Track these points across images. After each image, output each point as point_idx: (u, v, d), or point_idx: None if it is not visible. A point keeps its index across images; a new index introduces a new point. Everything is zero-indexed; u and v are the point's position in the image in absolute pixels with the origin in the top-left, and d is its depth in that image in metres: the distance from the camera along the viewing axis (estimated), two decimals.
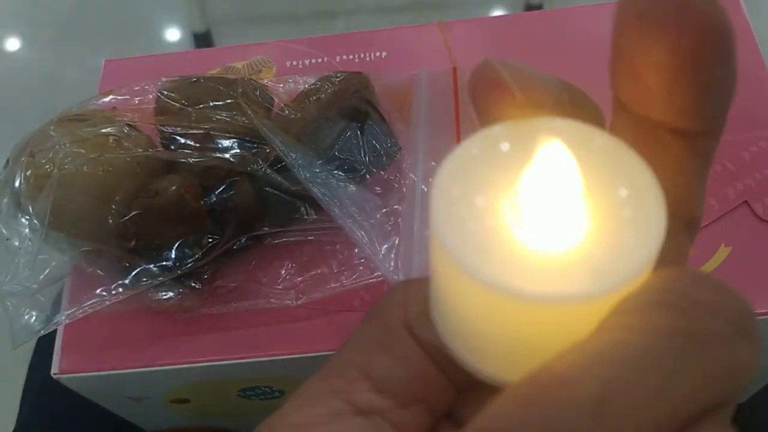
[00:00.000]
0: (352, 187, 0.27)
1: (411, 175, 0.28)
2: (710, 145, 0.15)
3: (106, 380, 0.30)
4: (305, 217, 0.29)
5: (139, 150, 0.28)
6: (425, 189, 0.28)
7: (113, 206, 0.27)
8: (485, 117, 0.15)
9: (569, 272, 0.13)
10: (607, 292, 0.13)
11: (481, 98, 0.14)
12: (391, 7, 1.30)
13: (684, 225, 0.16)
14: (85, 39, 1.29)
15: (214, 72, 0.36)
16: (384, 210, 0.27)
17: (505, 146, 0.14)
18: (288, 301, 0.29)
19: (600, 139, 0.14)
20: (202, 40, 1.24)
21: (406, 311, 0.17)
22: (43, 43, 1.30)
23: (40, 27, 1.32)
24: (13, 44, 1.32)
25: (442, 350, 0.16)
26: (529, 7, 1.25)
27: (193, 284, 0.28)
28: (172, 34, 1.31)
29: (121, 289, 0.28)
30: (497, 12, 1.30)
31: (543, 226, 0.13)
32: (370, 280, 0.29)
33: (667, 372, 0.12)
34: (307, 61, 0.36)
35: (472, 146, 0.14)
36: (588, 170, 0.14)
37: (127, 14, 1.31)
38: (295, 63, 0.36)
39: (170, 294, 0.28)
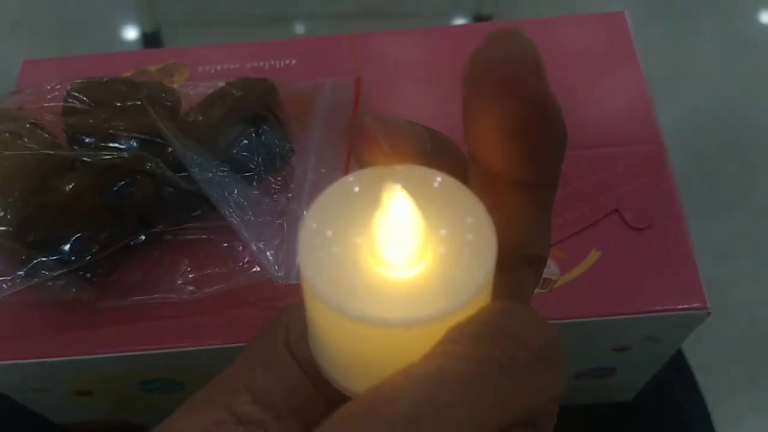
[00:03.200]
0: (243, 188, 0.29)
1: (300, 177, 0.30)
2: (547, 194, 0.18)
3: (6, 370, 0.31)
4: (203, 215, 0.31)
5: (40, 148, 0.29)
6: (311, 190, 0.29)
7: (11, 201, 0.28)
8: (361, 162, 0.17)
9: (408, 301, 0.15)
10: (435, 319, 0.15)
11: (357, 147, 0.17)
12: (345, 13, 1.31)
13: (528, 264, 0.18)
14: (32, 37, 1.27)
15: (127, 74, 0.37)
16: (272, 209, 0.29)
17: (357, 190, 0.16)
18: (185, 296, 0.31)
19: (438, 181, 0.16)
20: (151, 40, 1.24)
21: (288, 332, 0.19)
22: None
23: None
24: None
25: (317, 368, 0.18)
26: (478, 18, 1.28)
27: (90, 278, 0.29)
28: (124, 34, 1.30)
29: (18, 281, 0.29)
30: (448, 20, 1.32)
31: (388, 260, 0.15)
32: (264, 277, 0.30)
33: (473, 395, 0.14)
34: (219, 67, 0.38)
35: (332, 190, 0.16)
36: (426, 209, 0.16)
37: (78, 11, 1.31)
38: (208, 68, 0.38)
39: (69, 287, 0.29)
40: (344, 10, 1.31)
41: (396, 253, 0.15)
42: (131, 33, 1.29)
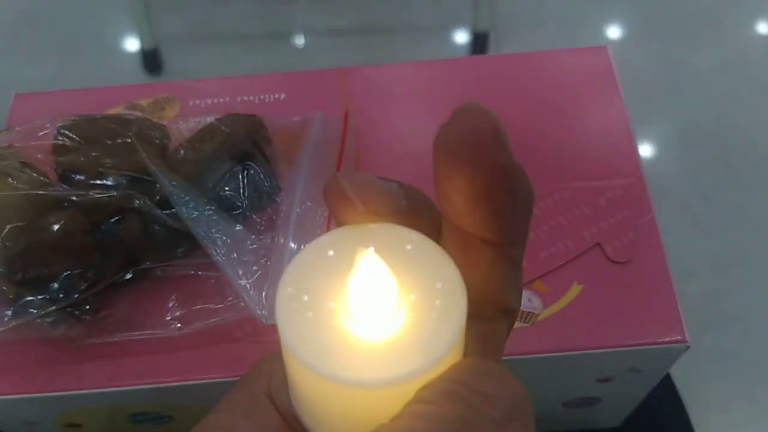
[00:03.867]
0: (228, 226, 0.29)
1: (286, 213, 0.30)
2: (516, 251, 0.18)
3: None
4: (190, 252, 0.31)
5: (29, 188, 0.29)
6: (296, 226, 0.30)
7: (0, 240, 0.29)
8: (337, 220, 0.17)
9: (380, 361, 0.16)
10: (406, 379, 0.15)
11: (332, 207, 0.17)
12: (342, 29, 1.32)
13: (501, 314, 0.19)
14: (31, 54, 1.28)
15: (119, 108, 0.38)
16: (257, 249, 0.29)
17: (331, 253, 0.17)
18: (172, 332, 0.31)
19: (410, 244, 0.17)
20: (150, 57, 1.25)
21: (269, 381, 0.19)
22: None
23: None
24: None
25: (297, 418, 0.18)
26: (477, 36, 1.29)
27: (78, 315, 0.30)
28: (121, 50, 1.31)
29: (6, 319, 0.29)
30: (447, 35, 1.33)
31: (363, 321, 0.16)
32: (250, 313, 0.31)
33: None
34: (209, 101, 0.38)
35: (307, 253, 0.17)
36: (399, 270, 0.16)
37: (75, 29, 1.32)
38: (198, 102, 0.38)
39: (57, 324, 0.30)
40: (342, 26, 1.32)
41: (369, 315, 0.16)
42: (130, 48, 1.30)
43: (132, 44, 1.30)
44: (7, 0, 1.35)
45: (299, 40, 1.32)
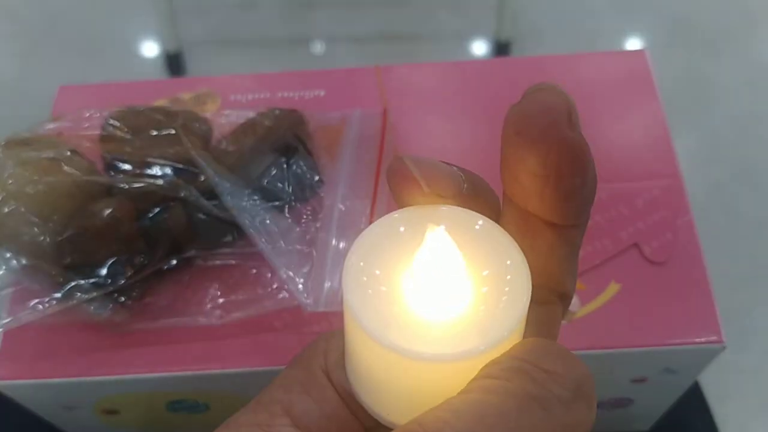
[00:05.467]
0: (274, 216, 0.30)
1: (329, 206, 0.31)
2: (576, 234, 0.18)
3: (39, 388, 0.32)
4: (233, 242, 0.32)
5: (79, 174, 0.30)
6: (339, 220, 0.30)
7: (51, 225, 0.29)
8: (400, 201, 0.18)
9: (450, 337, 0.16)
10: (476, 355, 0.16)
11: (395, 188, 0.17)
12: (364, 36, 1.33)
13: (557, 298, 0.19)
14: (56, 54, 1.30)
15: (162, 102, 0.39)
16: (302, 238, 0.30)
17: (402, 229, 0.17)
18: (213, 320, 0.31)
19: (479, 224, 0.17)
20: (173, 59, 1.26)
21: (326, 359, 0.20)
22: (12, 55, 1.31)
23: (9, 38, 1.33)
24: None
25: (353, 395, 0.18)
26: (499, 44, 1.30)
27: (123, 301, 0.30)
28: (144, 53, 1.33)
29: (55, 303, 0.30)
30: (468, 44, 1.34)
31: (431, 297, 0.16)
32: (291, 304, 0.31)
33: (511, 427, 0.15)
34: (250, 96, 0.39)
35: (378, 228, 0.17)
36: (467, 251, 0.17)
37: (101, 31, 1.33)
38: (239, 97, 0.39)
39: (102, 309, 0.30)
40: (364, 33, 1.33)
41: (439, 291, 0.16)
42: (153, 51, 1.32)
43: (155, 47, 1.32)
44: (34, 2, 1.37)
45: (320, 47, 1.33)
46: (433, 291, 0.16)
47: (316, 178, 0.32)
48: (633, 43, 1.28)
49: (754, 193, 1.07)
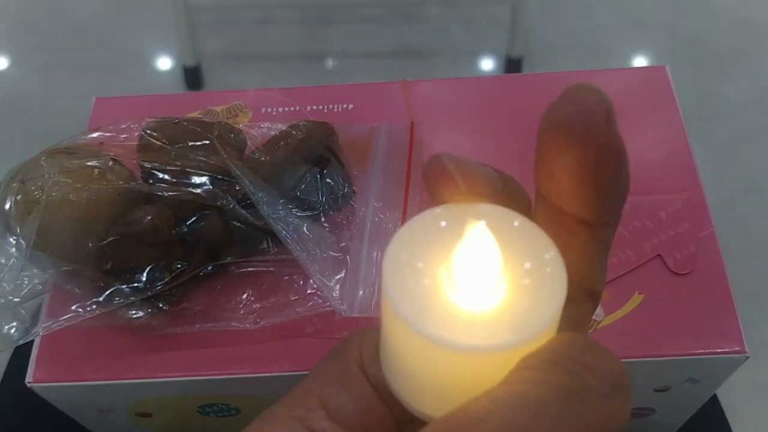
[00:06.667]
0: (309, 225, 0.31)
1: (362, 216, 0.32)
2: (608, 233, 0.19)
3: (76, 390, 0.33)
4: (267, 249, 0.33)
5: (120, 182, 0.31)
6: (372, 230, 0.31)
7: (93, 231, 0.30)
8: (436, 199, 0.18)
9: (488, 329, 0.16)
10: (514, 347, 0.16)
11: (432, 185, 0.18)
12: (378, 52, 1.35)
13: (587, 295, 0.20)
14: (75, 67, 1.32)
15: (195, 114, 0.40)
16: (335, 246, 0.31)
17: (443, 224, 0.18)
18: (247, 325, 0.32)
19: (517, 221, 0.18)
20: (191, 74, 1.28)
21: (361, 353, 0.20)
22: (34, 68, 1.34)
23: (31, 51, 1.36)
24: (0, 65, 1.35)
25: (389, 389, 0.19)
26: (510, 61, 1.31)
27: (161, 305, 0.31)
28: (163, 67, 1.35)
29: (95, 307, 0.31)
30: (480, 61, 1.36)
31: (470, 290, 0.17)
32: (322, 309, 0.32)
33: (551, 418, 0.16)
34: (280, 109, 0.40)
35: (418, 222, 0.18)
36: (506, 246, 0.17)
37: (120, 45, 1.35)
38: (270, 110, 0.40)
39: (140, 313, 0.31)
40: (379, 49, 1.35)
41: (477, 286, 0.17)
42: (171, 65, 1.34)
43: (173, 61, 1.34)
44: (55, 17, 1.39)
45: (335, 62, 1.35)
46: (473, 284, 0.17)
47: (349, 188, 0.33)
48: (643, 61, 1.29)
49: (763, 209, 1.07)
